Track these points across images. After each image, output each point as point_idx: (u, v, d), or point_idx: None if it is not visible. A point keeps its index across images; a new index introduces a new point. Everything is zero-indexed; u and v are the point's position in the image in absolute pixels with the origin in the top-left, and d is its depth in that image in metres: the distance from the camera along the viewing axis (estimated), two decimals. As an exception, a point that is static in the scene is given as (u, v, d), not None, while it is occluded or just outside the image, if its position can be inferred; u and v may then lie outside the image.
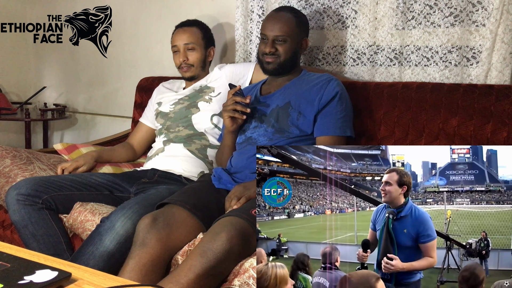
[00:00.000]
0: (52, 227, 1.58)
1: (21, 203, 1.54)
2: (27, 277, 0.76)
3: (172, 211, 1.36)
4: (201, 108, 1.90)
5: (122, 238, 1.37)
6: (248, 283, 1.15)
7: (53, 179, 1.65)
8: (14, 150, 1.89)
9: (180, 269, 1.16)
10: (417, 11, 1.75)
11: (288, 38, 1.61)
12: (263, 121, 1.62)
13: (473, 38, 1.67)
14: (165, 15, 2.48)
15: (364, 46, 1.87)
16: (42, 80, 3.12)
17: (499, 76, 1.60)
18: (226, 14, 2.23)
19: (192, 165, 1.83)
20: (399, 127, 1.66)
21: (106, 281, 0.79)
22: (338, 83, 1.59)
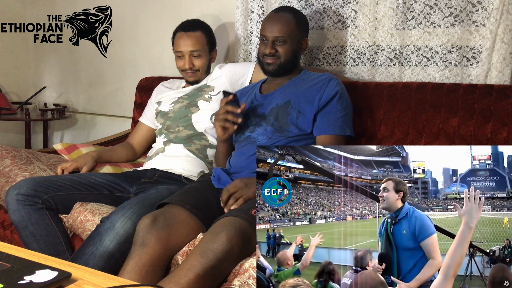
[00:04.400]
0: (52, 227, 1.58)
1: (21, 203, 1.54)
2: (27, 277, 0.76)
3: (172, 211, 1.36)
4: (200, 107, 1.89)
5: (122, 238, 1.37)
6: (248, 283, 1.15)
7: (53, 179, 1.65)
8: (14, 150, 1.89)
9: (180, 269, 1.16)
10: (417, 11, 1.75)
11: (288, 38, 1.60)
12: (262, 120, 1.62)
13: (473, 38, 1.67)
14: (165, 15, 2.48)
15: (364, 46, 1.87)
16: (42, 80, 3.12)
17: (499, 76, 1.60)
18: (226, 14, 2.23)
19: (192, 165, 1.82)
20: (399, 127, 1.66)
21: (106, 281, 0.79)
22: (338, 82, 1.59)
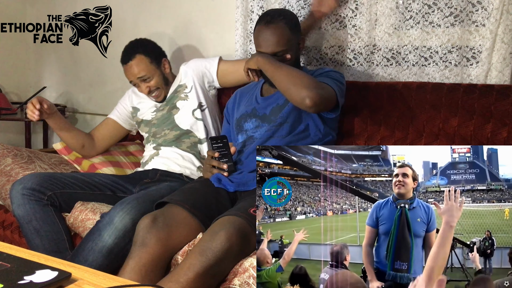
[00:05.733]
0: (57, 224, 1.58)
1: (26, 198, 1.54)
2: (27, 277, 0.76)
3: (172, 211, 1.36)
4: (180, 107, 1.91)
5: (120, 233, 1.38)
6: (248, 282, 1.15)
7: (58, 176, 1.65)
8: (16, 149, 1.89)
9: (180, 268, 1.16)
10: (415, 10, 1.75)
11: (287, 49, 1.56)
12: (264, 121, 1.63)
13: (473, 38, 1.66)
14: (165, 15, 2.48)
15: (361, 46, 1.87)
16: (42, 80, 3.12)
17: (499, 76, 1.60)
18: (226, 14, 2.23)
19: (188, 162, 1.85)
20: (399, 127, 1.66)
21: (106, 281, 0.79)
22: (336, 71, 1.61)
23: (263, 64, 1.52)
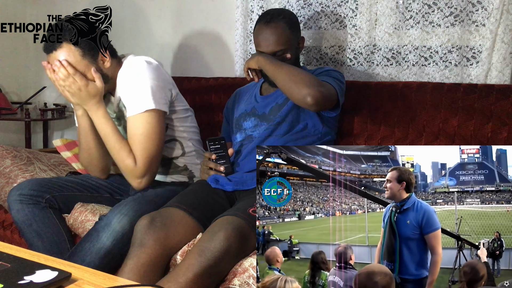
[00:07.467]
0: (57, 225, 1.57)
1: (24, 203, 1.54)
2: (27, 277, 0.76)
3: (169, 212, 1.36)
4: None
5: (118, 234, 1.37)
6: (248, 282, 1.15)
7: (54, 181, 1.65)
8: (15, 150, 1.88)
9: (179, 269, 1.16)
10: (415, 10, 1.75)
11: (287, 48, 1.57)
12: (263, 120, 1.62)
13: (473, 38, 1.67)
14: (165, 15, 2.48)
15: (361, 46, 1.87)
16: (42, 80, 3.12)
17: (499, 76, 1.60)
18: (226, 14, 2.23)
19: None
20: (399, 127, 1.66)
21: (106, 281, 0.79)
22: (335, 70, 1.60)
23: (264, 64, 1.52)
